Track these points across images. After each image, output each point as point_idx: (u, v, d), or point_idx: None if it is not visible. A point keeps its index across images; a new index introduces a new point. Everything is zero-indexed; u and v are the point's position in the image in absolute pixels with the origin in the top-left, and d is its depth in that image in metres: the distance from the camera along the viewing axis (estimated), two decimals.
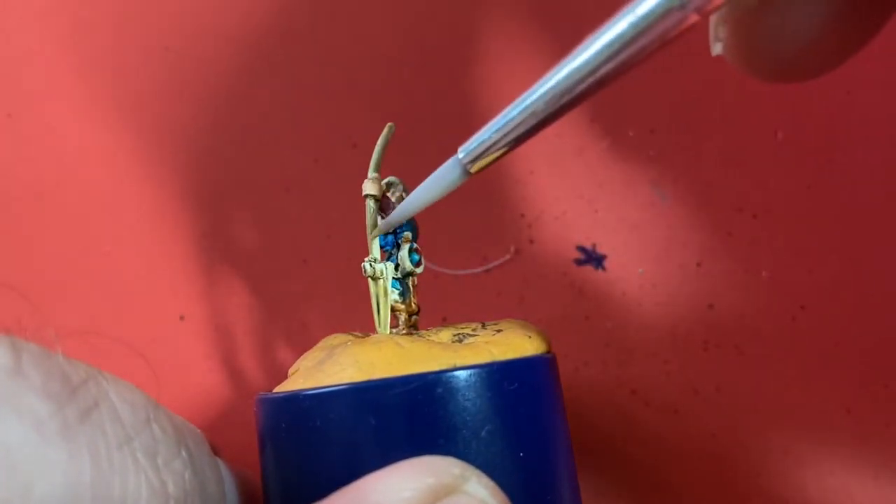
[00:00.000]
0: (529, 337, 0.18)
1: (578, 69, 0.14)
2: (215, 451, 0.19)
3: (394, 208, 0.20)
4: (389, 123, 0.20)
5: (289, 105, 0.28)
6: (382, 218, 0.20)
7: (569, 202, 0.26)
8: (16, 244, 0.29)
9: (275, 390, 0.18)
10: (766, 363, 0.24)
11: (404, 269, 0.20)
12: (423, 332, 0.19)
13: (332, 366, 0.18)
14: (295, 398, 0.17)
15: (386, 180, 0.20)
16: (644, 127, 0.25)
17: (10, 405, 0.13)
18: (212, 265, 0.28)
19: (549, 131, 0.26)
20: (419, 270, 0.20)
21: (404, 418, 0.16)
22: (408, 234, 0.20)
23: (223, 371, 0.28)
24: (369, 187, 0.19)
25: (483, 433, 0.16)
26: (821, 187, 0.24)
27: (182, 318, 0.28)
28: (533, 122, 0.15)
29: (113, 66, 0.29)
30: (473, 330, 0.19)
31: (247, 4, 0.28)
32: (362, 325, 0.20)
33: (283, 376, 0.19)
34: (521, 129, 0.15)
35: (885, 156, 0.24)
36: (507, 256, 0.26)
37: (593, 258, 0.26)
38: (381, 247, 0.20)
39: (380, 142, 0.20)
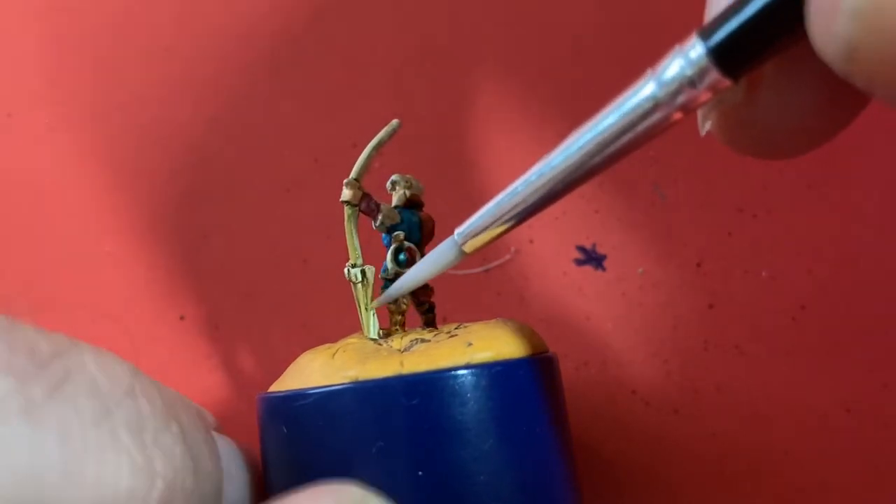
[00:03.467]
0: (470, 344, 0.17)
1: (565, 162, 0.15)
2: (220, 428, 0.19)
3: (382, 211, 0.19)
4: (395, 120, 0.19)
5: (289, 105, 0.28)
6: (376, 223, 0.20)
7: (569, 202, 0.26)
8: (15, 244, 0.29)
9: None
10: (766, 363, 0.24)
11: (392, 270, 0.19)
12: (394, 335, 0.19)
13: (288, 374, 0.18)
14: (260, 401, 0.18)
15: (391, 179, 0.20)
16: None
17: None
18: (212, 265, 0.28)
19: (549, 131, 0.26)
20: None
21: (305, 432, 0.17)
22: (399, 234, 0.20)
23: (223, 371, 0.28)
24: (344, 193, 0.19)
25: (373, 450, 0.16)
26: (821, 187, 0.24)
27: (182, 318, 0.28)
28: (523, 208, 0.16)
29: (113, 66, 0.29)
30: (435, 335, 0.18)
31: (247, 4, 0.28)
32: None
33: None
34: (512, 216, 0.16)
35: (885, 156, 0.24)
36: (507, 256, 0.26)
37: (593, 258, 0.26)
38: (385, 245, 0.20)
39: (372, 143, 0.19)
